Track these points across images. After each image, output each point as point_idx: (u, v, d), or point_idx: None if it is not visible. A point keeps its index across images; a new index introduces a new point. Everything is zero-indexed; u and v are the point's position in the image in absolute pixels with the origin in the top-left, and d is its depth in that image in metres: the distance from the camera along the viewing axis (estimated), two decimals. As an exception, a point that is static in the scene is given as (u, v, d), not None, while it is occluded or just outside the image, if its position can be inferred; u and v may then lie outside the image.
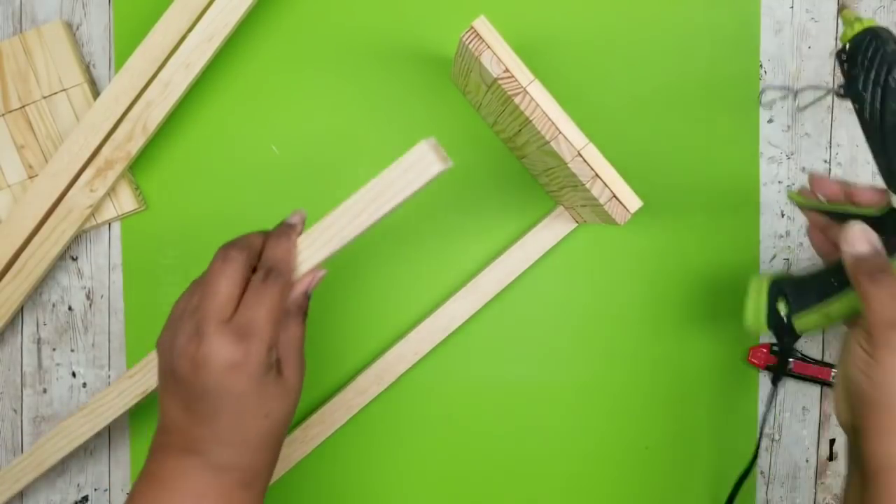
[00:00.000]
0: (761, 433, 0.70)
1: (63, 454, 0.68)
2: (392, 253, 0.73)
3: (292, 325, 0.54)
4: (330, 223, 0.55)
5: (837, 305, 0.59)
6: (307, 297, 0.56)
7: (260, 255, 0.54)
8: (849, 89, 0.53)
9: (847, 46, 0.53)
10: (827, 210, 0.60)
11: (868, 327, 0.52)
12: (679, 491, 0.74)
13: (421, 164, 0.52)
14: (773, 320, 0.63)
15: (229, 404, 0.51)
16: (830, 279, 0.59)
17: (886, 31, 0.51)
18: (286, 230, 0.55)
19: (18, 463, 0.69)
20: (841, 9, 0.59)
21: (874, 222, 0.55)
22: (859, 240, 0.54)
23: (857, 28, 0.52)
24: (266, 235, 0.56)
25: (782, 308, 0.62)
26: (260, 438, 0.53)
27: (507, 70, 0.55)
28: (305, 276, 0.55)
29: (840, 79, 0.56)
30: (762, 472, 0.74)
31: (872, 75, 0.51)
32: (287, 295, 0.54)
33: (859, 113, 0.53)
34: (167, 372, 0.53)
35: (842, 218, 0.57)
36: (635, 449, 0.74)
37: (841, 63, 0.54)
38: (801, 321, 0.61)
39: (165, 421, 0.53)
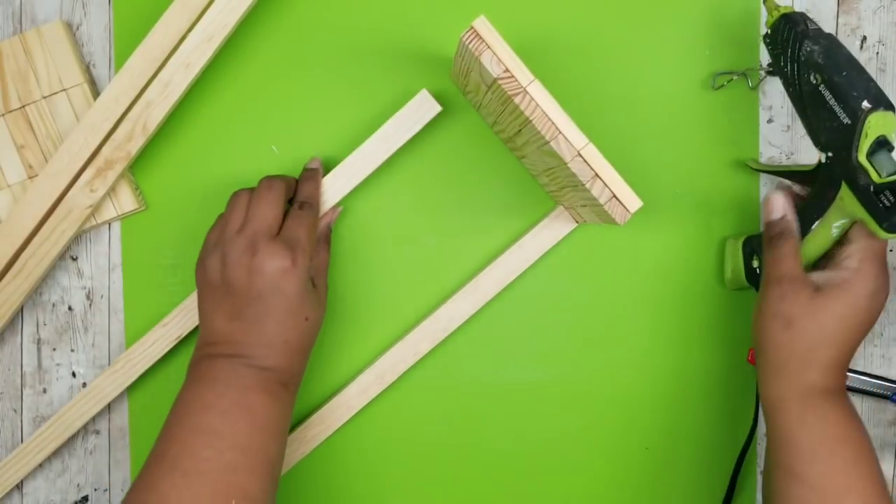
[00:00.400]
0: (754, 426, 0.71)
1: (90, 415, 0.71)
2: (392, 253, 0.73)
3: (321, 251, 0.68)
4: (347, 166, 0.69)
5: None
6: (330, 229, 0.70)
7: (292, 191, 0.67)
8: (774, 67, 0.64)
9: (769, 31, 0.63)
10: (775, 171, 0.69)
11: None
12: (679, 491, 0.74)
13: (423, 107, 0.68)
14: (751, 276, 0.70)
15: (279, 305, 0.60)
16: None
17: (800, 14, 0.61)
18: (312, 173, 0.68)
19: (43, 431, 0.70)
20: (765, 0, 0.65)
21: (809, 175, 0.64)
22: (776, 208, 0.63)
23: (776, 15, 0.62)
24: (295, 178, 0.68)
25: (756, 263, 0.69)
26: (298, 340, 0.62)
27: (507, 70, 0.55)
28: (328, 212, 0.69)
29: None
30: (762, 472, 0.74)
31: (789, 52, 0.61)
32: (317, 224, 0.66)
33: (785, 86, 0.63)
34: (216, 288, 0.62)
35: (788, 176, 0.68)
36: (635, 449, 0.74)
37: (766, 45, 0.64)
38: None
39: (212, 337, 0.62)
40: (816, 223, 0.63)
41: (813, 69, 0.58)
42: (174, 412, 0.60)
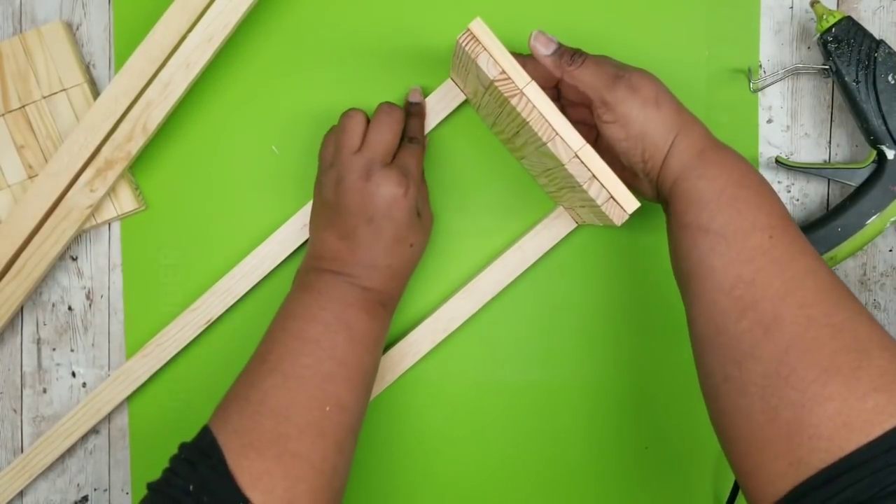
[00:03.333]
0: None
1: (122, 398, 0.72)
2: (391, 253, 0.73)
3: (421, 184, 0.69)
4: None
5: None
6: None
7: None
8: (837, 66, 0.67)
9: (833, 30, 0.66)
10: (816, 169, 0.70)
11: (606, 97, 0.59)
12: (679, 491, 0.74)
13: (448, 95, 0.70)
14: None
15: (388, 231, 0.63)
16: None
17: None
18: (417, 109, 0.70)
19: (74, 414, 0.71)
20: (814, 3, 0.68)
21: (858, 172, 0.69)
22: (544, 43, 0.61)
23: (837, 16, 0.66)
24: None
25: None
26: (401, 265, 0.65)
27: (503, 72, 0.55)
28: None
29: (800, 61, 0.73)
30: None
31: (860, 54, 0.66)
32: (423, 158, 0.68)
33: (845, 84, 0.67)
34: (330, 206, 0.64)
35: (832, 173, 0.69)
36: (635, 449, 0.74)
37: (828, 45, 0.67)
38: None
39: (321, 251, 0.65)
40: (875, 217, 0.67)
41: (892, 71, 0.66)
42: (279, 317, 0.63)
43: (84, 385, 0.74)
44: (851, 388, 0.48)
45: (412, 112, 0.69)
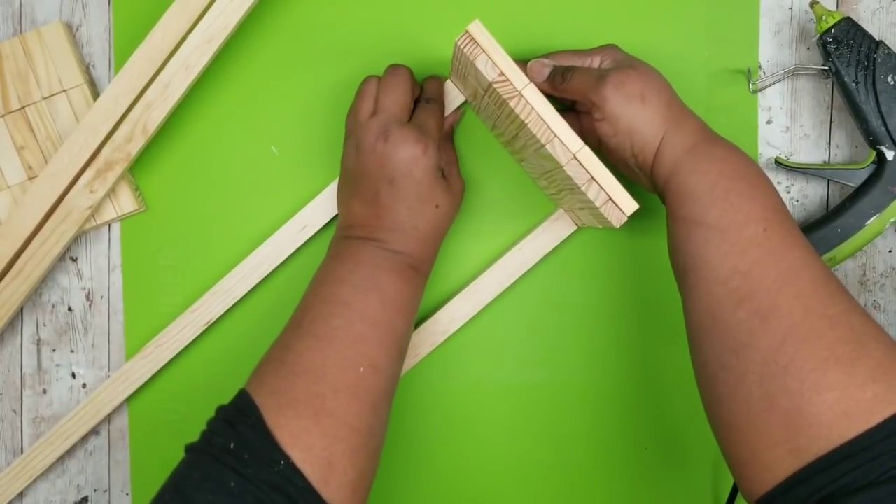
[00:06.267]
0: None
1: (122, 399, 0.72)
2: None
3: (448, 147, 0.70)
4: None
5: None
6: (453, 129, 0.72)
7: (417, 87, 0.68)
8: (836, 67, 0.67)
9: (833, 31, 0.66)
10: (815, 170, 0.70)
11: (592, 98, 0.60)
12: (679, 492, 0.74)
13: (450, 96, 0.70)
14: None
15: (410, 190, 0.62)
16: None
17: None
18: (435, 76, 0.70)
19: (74, 415, 0.72)
20: (813, 4, 0.68)
21: (858, 173, 0.69)
22: (538, 71, 0.64)
23: (837, 17, 0.66)
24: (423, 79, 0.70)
25: None
26: (428, 227, 0.64)
27: (501, 74, 0.55)
28: (451, 114, 0.70)
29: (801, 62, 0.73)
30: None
31: (860, 55, 0.66)
32: (444, 118, 0.68)
33: (844, 85, 0.67)
34: (353, 174, 0.65)
35: (832, 174, 0.70)
36: (635, 450, 0.74)
37: (827, 46, 0.67)
38: None
39: (349, 220, 0.66)
40: (874, 217, 0.67)
41: (892, 72, 0.66)
42: (311, 285, 0.63)
43: (84, 386, 0.74)
44: (851, 378, 0.48)
45: (428, 77, 0.70)
